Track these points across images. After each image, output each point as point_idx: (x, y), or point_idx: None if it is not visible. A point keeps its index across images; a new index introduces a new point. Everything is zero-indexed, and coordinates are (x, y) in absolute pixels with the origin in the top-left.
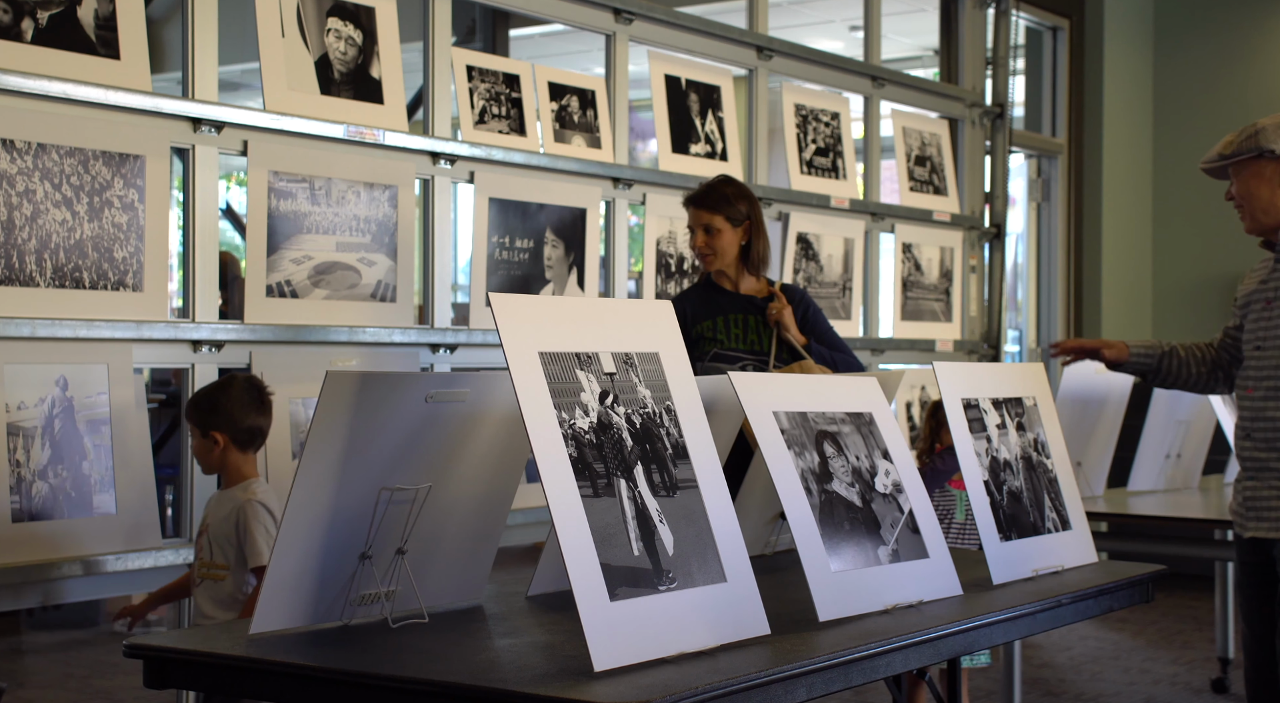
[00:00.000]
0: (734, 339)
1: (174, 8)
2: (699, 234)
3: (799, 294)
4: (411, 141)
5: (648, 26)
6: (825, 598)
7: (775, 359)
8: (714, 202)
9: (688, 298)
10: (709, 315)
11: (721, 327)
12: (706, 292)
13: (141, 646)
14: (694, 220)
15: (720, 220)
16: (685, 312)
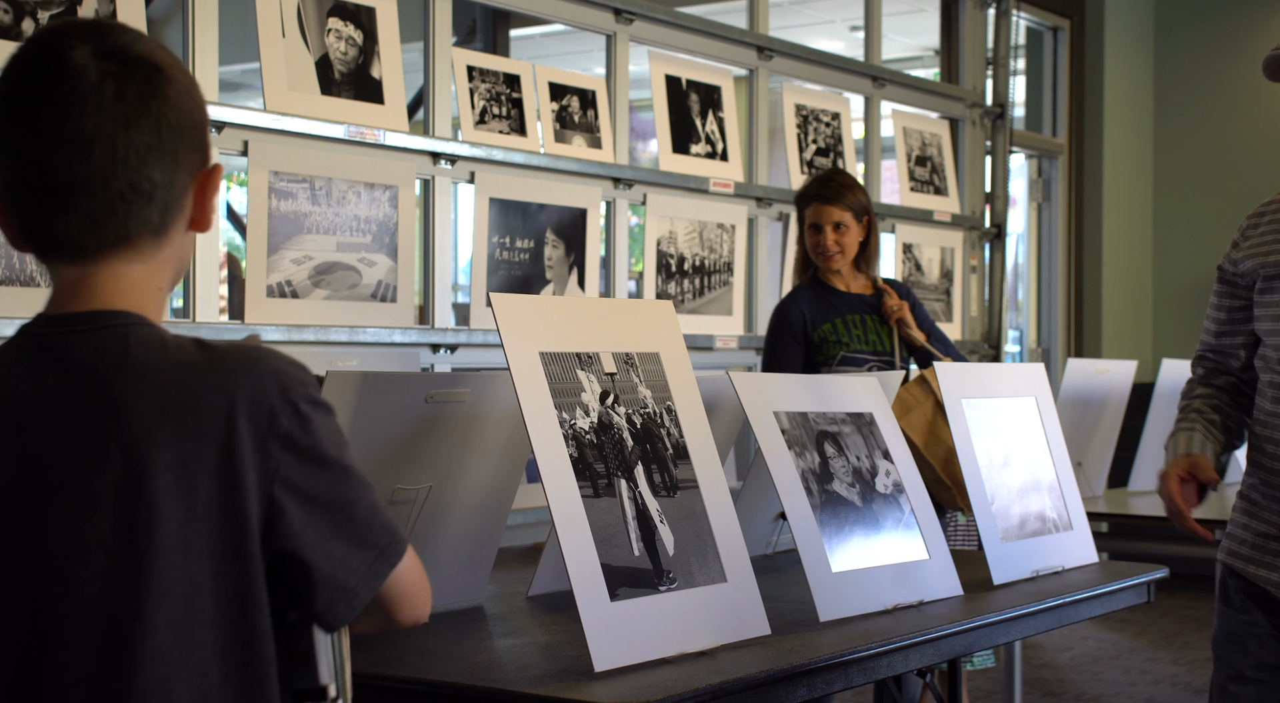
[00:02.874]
0: (856, 341)
1: (174, 8)
2: (828, 232)
3: (905, 289)
4: (412, 142)
5: (648, 27)
6: (826, 598)
7: (900, 360)
8: (841, 195)
9: (802, 301)
10: (827, 318)
11: (842, 328)
12: (819, 292)
13: None
14: (821, 218)
15: (849, 216)
16: (803, 315)
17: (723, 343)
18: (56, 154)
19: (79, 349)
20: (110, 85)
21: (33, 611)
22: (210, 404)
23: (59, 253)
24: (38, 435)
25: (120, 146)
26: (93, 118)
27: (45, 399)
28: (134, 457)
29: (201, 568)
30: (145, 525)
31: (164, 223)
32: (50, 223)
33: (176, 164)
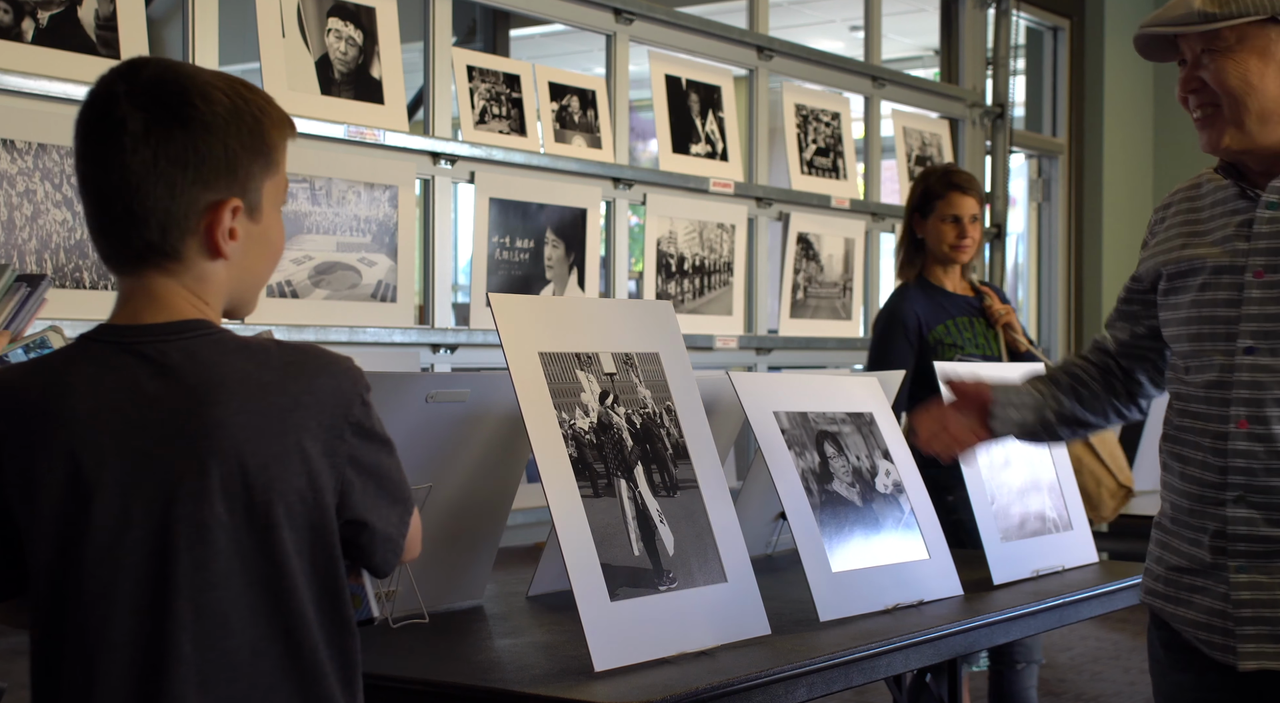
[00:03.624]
0: (969, 344)
1: (174, 8)
2: (966, 223)
3: (1003, 293)
4: (412, 141)
5: (648, 26)
6: (826, 598)
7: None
8: (976, 188)
9: (914, 301)
10: (940, 319)
11: (955, 331)
12: (928, 292)
13: None
14: (962, 209)
15: (980, 209)
16: (917, 315)
17: (723, 343)
18: (110, 182)
19: (173, 354)
20: (139, 125)
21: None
22: (303, 401)
23: (108, 265)
24: (143, 433)
25: (120, 173)
26: (113, 146)
27: (145, 400)
28: (237, 450)
29: (301, 538)
30: (261, 508)
31: (172, 248)
32: (106, 243)
33: (174, 194)
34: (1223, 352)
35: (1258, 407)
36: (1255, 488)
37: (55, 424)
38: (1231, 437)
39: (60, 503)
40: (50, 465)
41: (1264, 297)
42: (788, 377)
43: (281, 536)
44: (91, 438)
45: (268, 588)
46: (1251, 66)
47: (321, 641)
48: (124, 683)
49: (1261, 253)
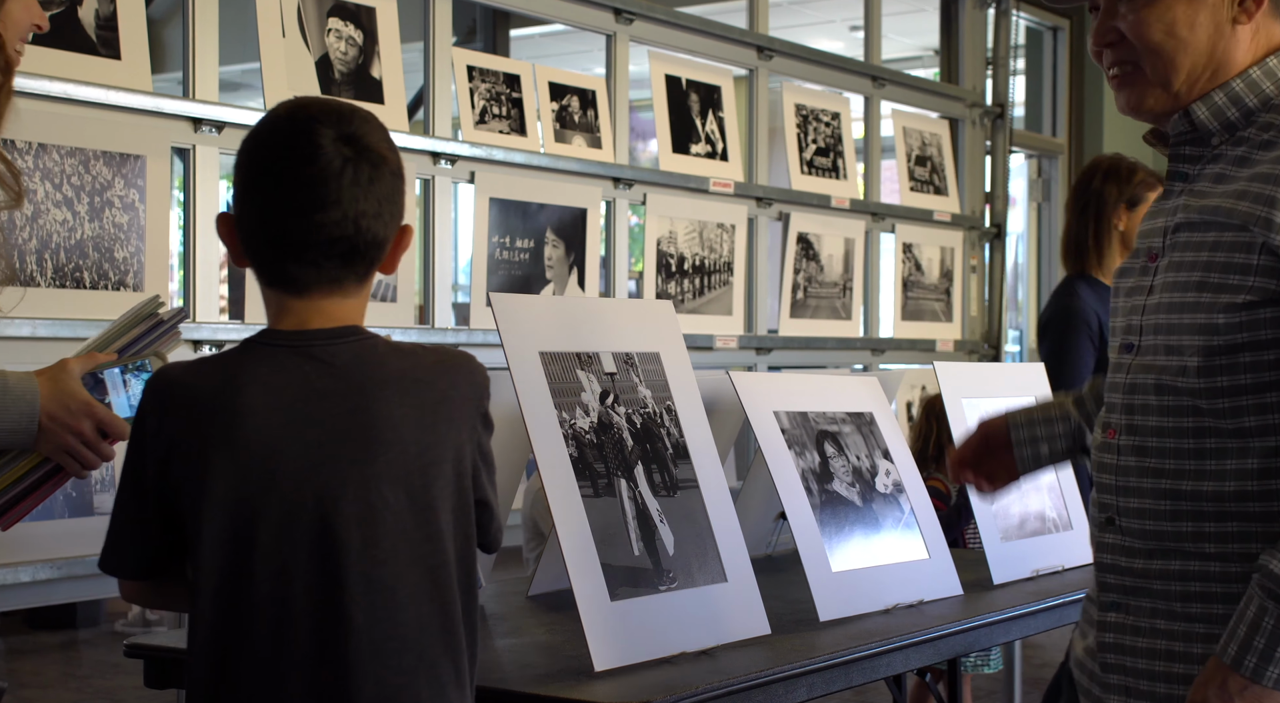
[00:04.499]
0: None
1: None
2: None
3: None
4: (412, 142)
5: (648, 26)
6: (826, 598)
7: None
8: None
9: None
10: (1107, 314)
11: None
12: (1094, 288)
13: (142, 645)
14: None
15: None
16: (1095, 312)
17: (723, 343)
18: (301, 217)
19: (340, 355)
20: (350, 169)
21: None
22: (450, 397)
23: (285, 287)
24: (315, 425)
25: (352, 216)
26: (335, 191)
27: (316, 396)
28: (400, 439)
29: (447, 519)
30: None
31: (368, 273)
32: (284, 266)
33: (387, 227)
34: (1117, 349)
35: (1126, 414)
36: (1121, 510)
37: (231, 416)
38: (1102, 448)
39: (236, 488)
40: (226, 455)
41: (1161, 282)
42: (788, 377)
43: (440, 517)
44: (267, 430)
45: (428, 566)
46: (1179, 15)
47: (462, 619)
48: (307, 651)
49: (1158, 233)
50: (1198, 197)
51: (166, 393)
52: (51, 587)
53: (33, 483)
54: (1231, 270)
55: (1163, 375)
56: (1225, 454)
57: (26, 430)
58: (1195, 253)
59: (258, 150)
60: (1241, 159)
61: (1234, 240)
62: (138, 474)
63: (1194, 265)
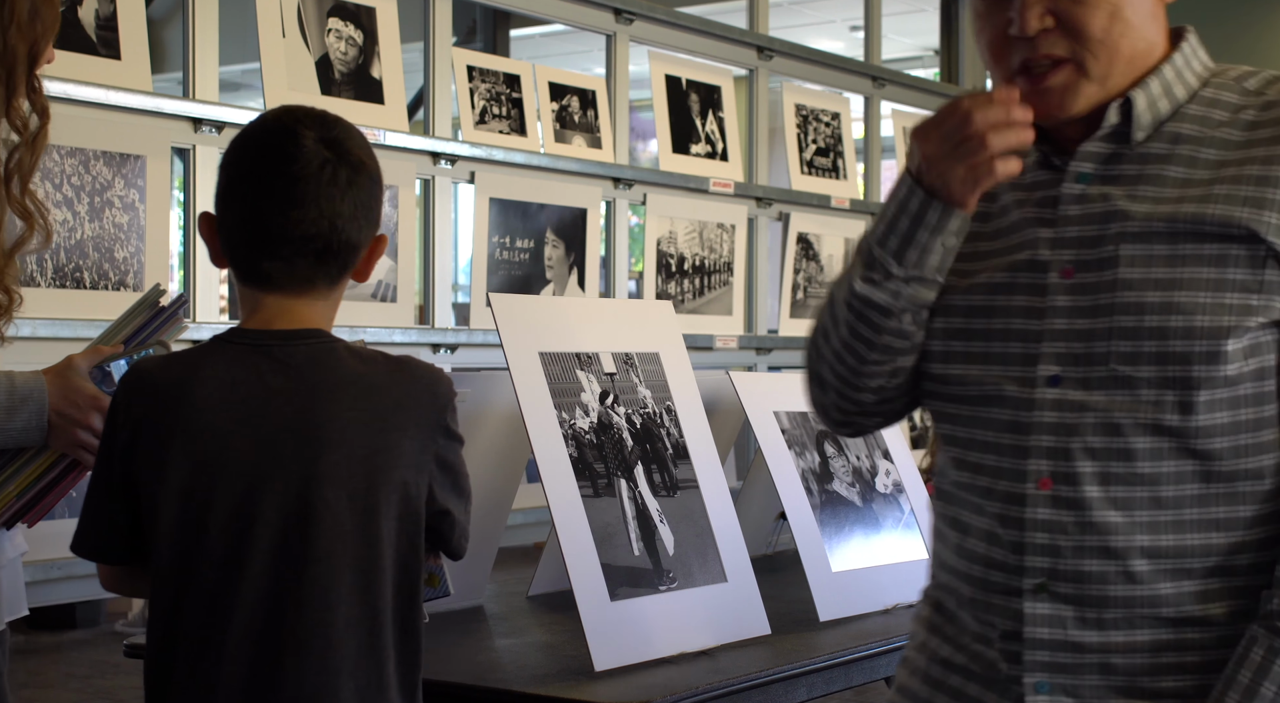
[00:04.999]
0: None
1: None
2: None
3: None
4: (412, 142)
5: (648, 26)
6: (826, 598)
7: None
8: None
9: None
10: None
11: None
12: None
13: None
14: None
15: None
16: None
17: (723, 343)
18: (279, 214)
19: (296, 355)
20: (329, 169)
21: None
22: (405, 404)
23: (259, 285)
24: (266, 421)
25: (327, 215)
26: (312, 191)
27: (269, 393)
28: (346, 440)
29: (390, 526)
30: (364, 495)
31: (340, 276)
32: (258, 263)
33: (361, 232)
34: (1017, 381)
35: (1065, 460)
36: (1062, 574)
37: (188, 409)
38: (1030, 501)
39: (188, 478)
40: (181, 445)
41: (1073, 305)
42: (788, 377)
43: (380, 522)
44: (219, 423)
45: (362, 570)
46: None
47: (393, 625)
48: (243, 642)
49: (1070, 243)
50: (1138, 202)
51: (135, 383)
52: (51, 587)
53: (52, 479)
54: (1231, 288)
55: (1133, 413)
56: (1219, 501)
57: (38, 429)
58: (1161, 268)
59: (243, 150)
60: (1192, 159)
61: (1231, 254)
62: (107, 460)
63: (1159, 284)
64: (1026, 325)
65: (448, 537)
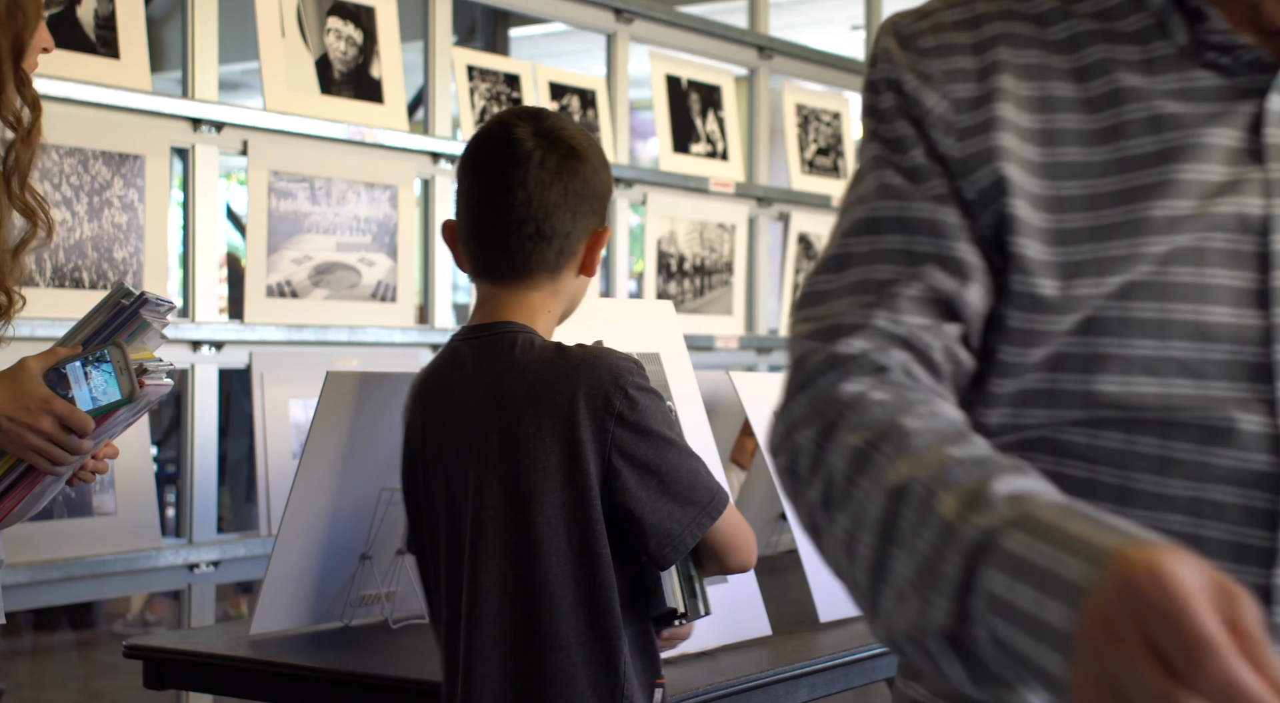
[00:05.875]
0: None
1: (174, 8)
2: None
3: None
4: (412, 141)
5: (648, 26)
6: (826, 599)
7: None
8: None
9: None
10: None
11: None
12: None
13: (141, 646)
14: None
15: None
16: None
17: (723, 343)
18: (492, 200)
19: (482, 349)
20: (537, 155)
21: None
22: (560, 390)
23: (483, 275)
24: (456, 410)
25: (537, 200)
26: (520, 177)
27: (463, 383)
28: (510, 427)
29: (557, 514)
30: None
31: (558, 264)
32: (480, 252)
33: (575, 220)
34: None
35: None
36: None
37: (417, 407)
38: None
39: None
40: (414, 442)
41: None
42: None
43: (532, 509)
44: (443, 418)
45: (513, 552)
46: None
47: (568, 615)
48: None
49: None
50: None
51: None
52: (51, 587)
53: (10, 484)
54: None
55: None
56: None
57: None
58: None
59: (467, 150)
60: None
61: None
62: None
63: None
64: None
65: (640, 541)
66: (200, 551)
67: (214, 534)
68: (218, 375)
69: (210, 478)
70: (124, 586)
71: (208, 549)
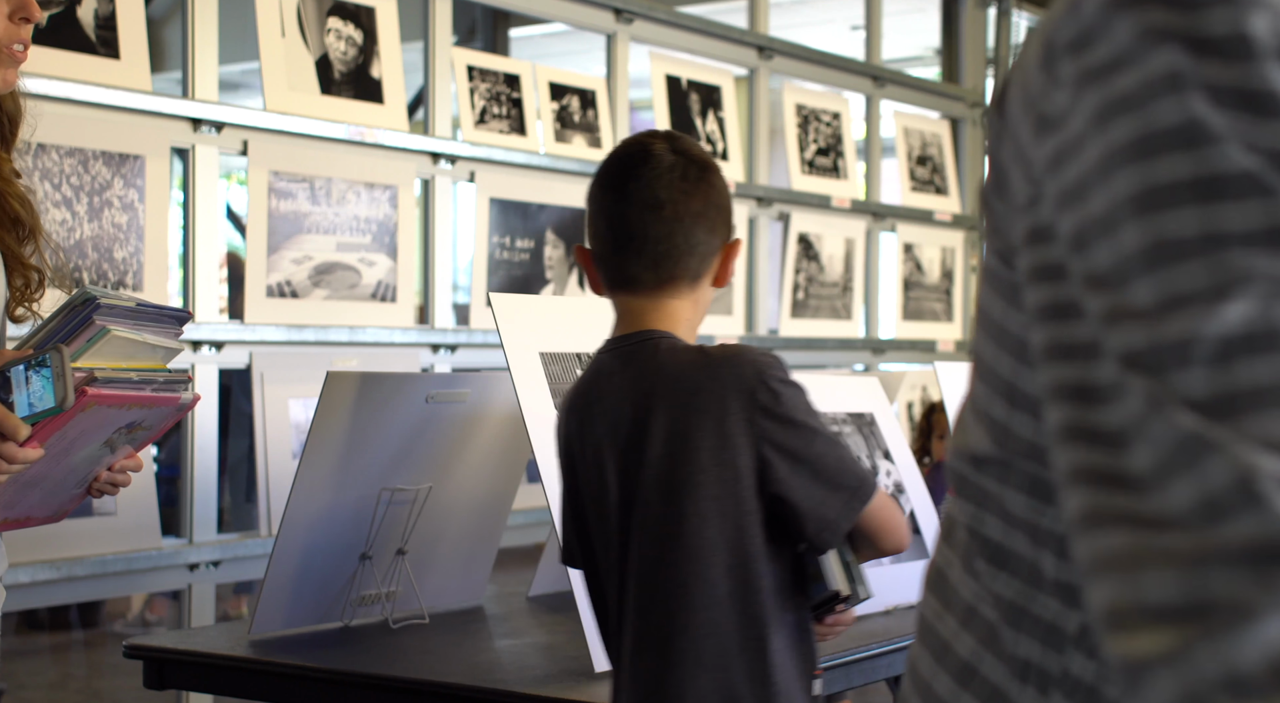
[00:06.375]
0: None
1: (174, 8)
2: None
3: None
4: (412, 141)
5: (648, 26)
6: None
7: None
8: None
9: None
10: None
11: None
12: None
13: (141, 647)
14: None
15: None
16: None
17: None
18: (639, 214)
19: (628, 356)
20: (678, 169)
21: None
22: (707, 389)
23: (625, 288)
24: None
25: (680, 212)
26: (665, 189)
27: (611, 390)
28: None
29: (709, 507)
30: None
31: (699, 274)
32: (624, 265)
33: (713, 232)
34: None
35: None
36: None
37: (571, 418)
38: None
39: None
40: (570, 451)
41: None
42: None
43: (683, 501)
44: (584, 428)
45: (667, 544)
46: None
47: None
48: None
49: None
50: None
51: (562, 401)
52: (51, 587)
53: None
54: None
55: None
56: None
57: None
58: None
59: (603, 170)
60: None
61: None
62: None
63: None
64: None
65: (798, 529)
66: (200, 551)
67: (214, 534)
68: (218, 375)
69: (210, 478)
70: (124, 586)
71: (208, 549)
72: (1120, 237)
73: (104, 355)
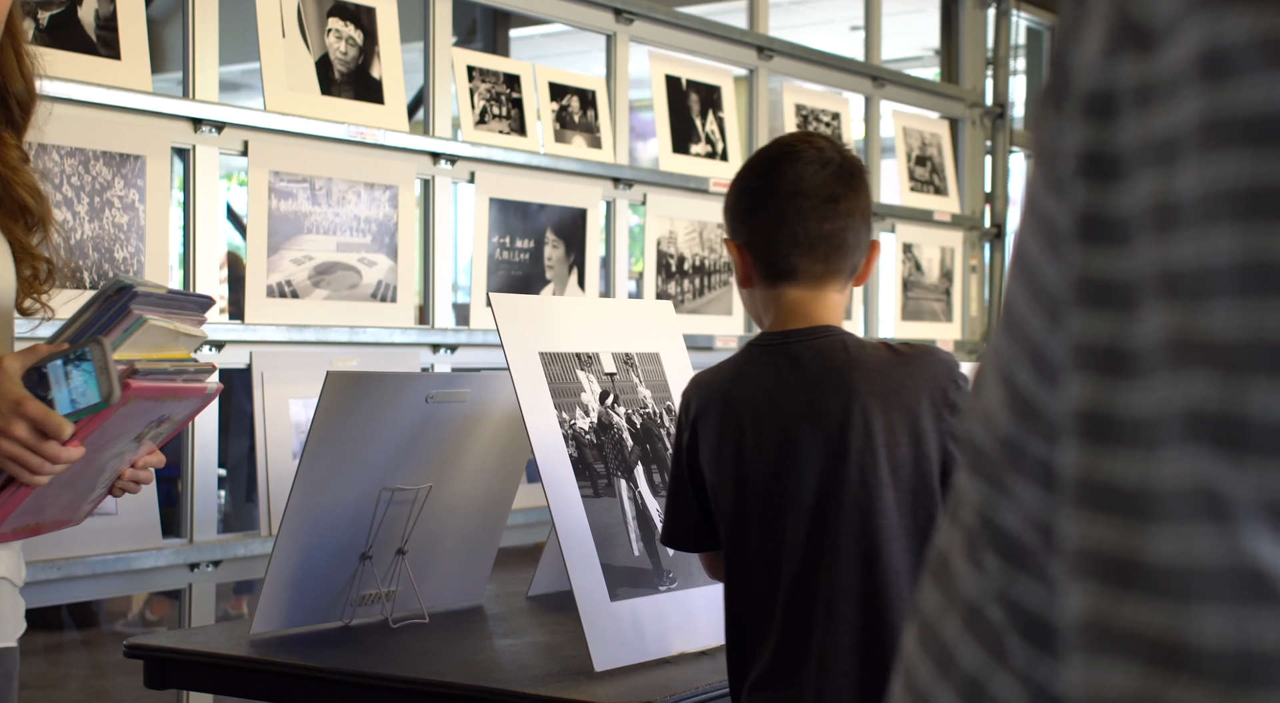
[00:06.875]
0: None
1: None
2: None
3: None
4: (412, 141)
5: (648, 26)
6: None
7: None
8: None
9: None
10: None
11: None
12: None
13: (142, 646)
14: None
15: None
16: None
17: (723, 343)
18: (815, 207)
19: (805, 352)
20: (847, 167)
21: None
22: (906, 386)
23: (789, 279)
24: (784, 412)
25: (851, 208)
26: (839, 186)
27: (782, 387)
28: (863, 420)
29: (903, 499)
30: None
31: (855, 269)
32: (791, 258)
33: (866, 231)
34: None
35: None
36: None
37: (728, 406)
38: None
39: (733, 467)
40: (726, 439)
41: None
42: None
43: (880, 493)
44: (750, 417)
45: (859, 535)
46: None
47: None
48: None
49: None
50: None
51: (691, 389)
52: (51, 587)
53: None
54: None
55: None
56: None
57: None
58: None
59: (760, 170)
60: None
61: None
62: (677, 457)
63: None
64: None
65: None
66: (200, 551)
67: (214, 534)
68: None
69: (210, 478)
70: (124, 585)
71: (208, 549)
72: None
73: (138, 346)
